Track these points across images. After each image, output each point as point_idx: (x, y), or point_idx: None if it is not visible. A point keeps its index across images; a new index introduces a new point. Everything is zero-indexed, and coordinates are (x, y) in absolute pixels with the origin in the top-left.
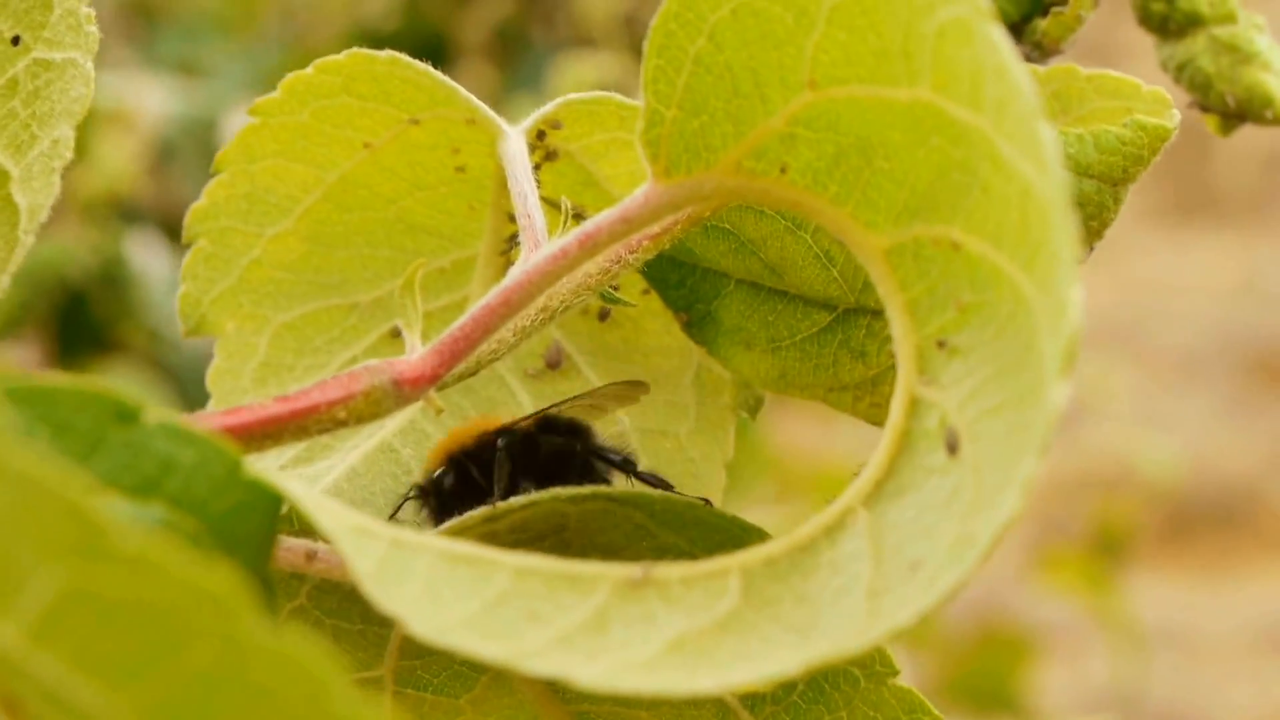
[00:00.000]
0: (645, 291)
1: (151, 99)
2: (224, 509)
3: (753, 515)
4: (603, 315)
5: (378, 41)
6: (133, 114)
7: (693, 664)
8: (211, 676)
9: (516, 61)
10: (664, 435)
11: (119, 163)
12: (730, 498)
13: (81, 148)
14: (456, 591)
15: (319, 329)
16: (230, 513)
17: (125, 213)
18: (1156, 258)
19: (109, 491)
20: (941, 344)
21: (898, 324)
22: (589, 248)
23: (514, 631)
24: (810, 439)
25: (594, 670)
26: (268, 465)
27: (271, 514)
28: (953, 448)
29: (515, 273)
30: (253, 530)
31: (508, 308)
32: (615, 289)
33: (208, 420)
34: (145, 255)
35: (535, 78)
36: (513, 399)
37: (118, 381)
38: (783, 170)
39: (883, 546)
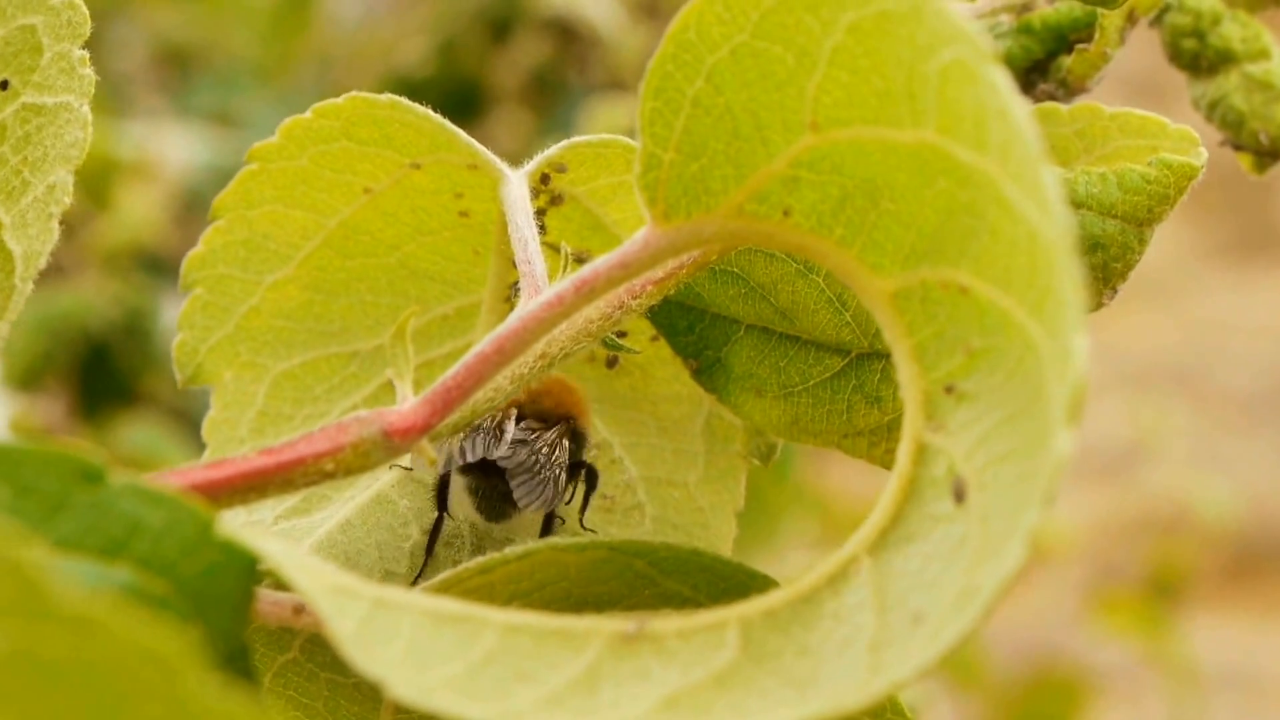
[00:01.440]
0: (654, 338)
1: (178, 148)
2: (196, 570)
3: (795, 558)
4: (610, 363)
5: (412, 87)
6: (156, 164)
7: None
8: None
9: (551, 105)
10: (673, 484)
11: (142, 213)
12: (773, 540)
13: (104, 198)
14: (441, 652)
15: (319, 378)
16: (203, 574)
17: (149, 263)
18: (1218, 297)
19: (74, 554)
20: (950, 389)
21: (905, 369)
22: (585, 293)
23: (501, 692)
24: (859, 482)
25: None
26: (262, 516)
27: (247, 574)
28: (960, 496)
29: (510, 320)
30: (227, 591)
31: (502, 355)
32: (622, 335)
33: (190, 474)
34: (169, 306)
35: (570, 121)
36: None
37: (139, 433)
38: (786, 213)
39: (886, 597)
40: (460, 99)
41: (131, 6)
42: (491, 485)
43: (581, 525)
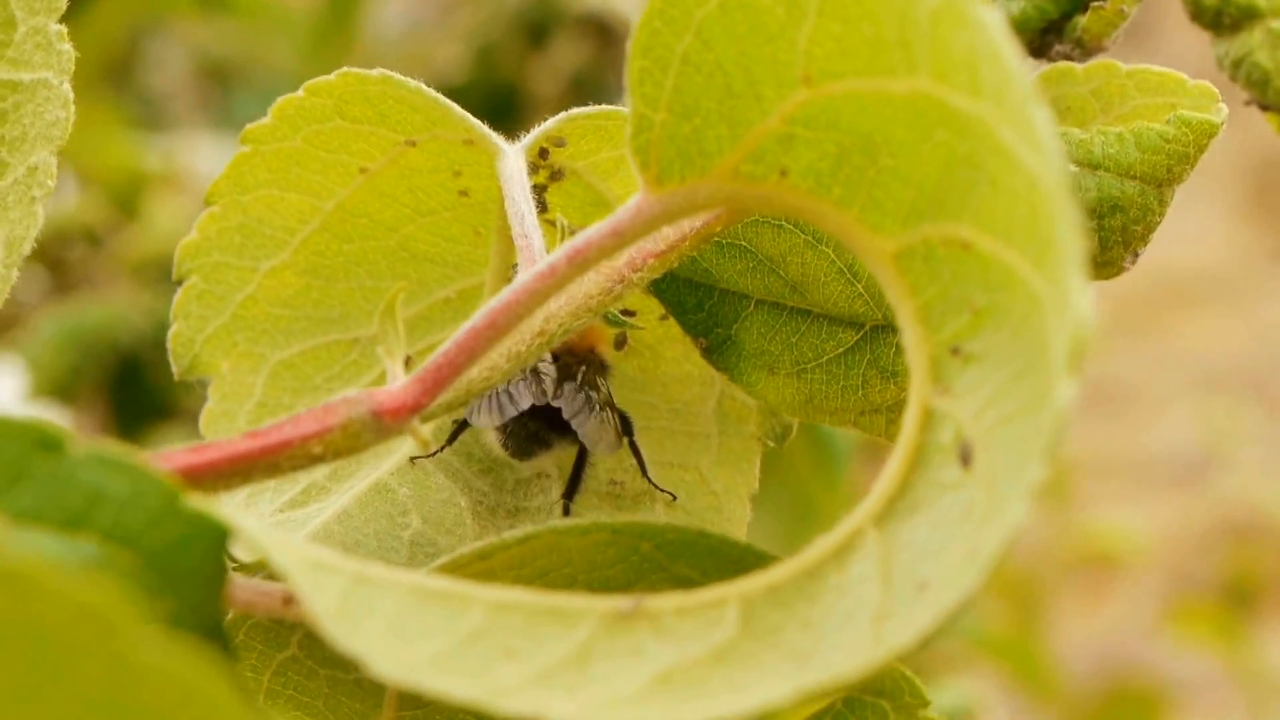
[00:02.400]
0: (663, 318)
1: (207, 159)
2: (164, 543)
3: None
4: (619, 344)
5: (451, 94)
6: (185, 175)
7: (679, 697)
8: (100, 701)
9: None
10: (685, 468)
11: (171, 224)
12: (813, 533)
13: (132, 209)
14: (425, 629)
15: (318, 366)
16: (172, 547)
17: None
18: None
19: (35, 526)
20: (955, 351)
21: (909, 332)
22: (579, 263)
23: (487, 669)
24: None
25: (570, 707)
26: (260, 511)
27: (217, 547)
28: (966, 459)
29: (502, 293)
30: (197, 565)
31: (494, 330)
32: (630, 315)
33: (172, 458)
34: None
35: None
36: None
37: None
38: (783, 174)
39: (892, 568)
40: (499, 104)
41: (170, 23)
42: (520, 423)
43: (649, 481)
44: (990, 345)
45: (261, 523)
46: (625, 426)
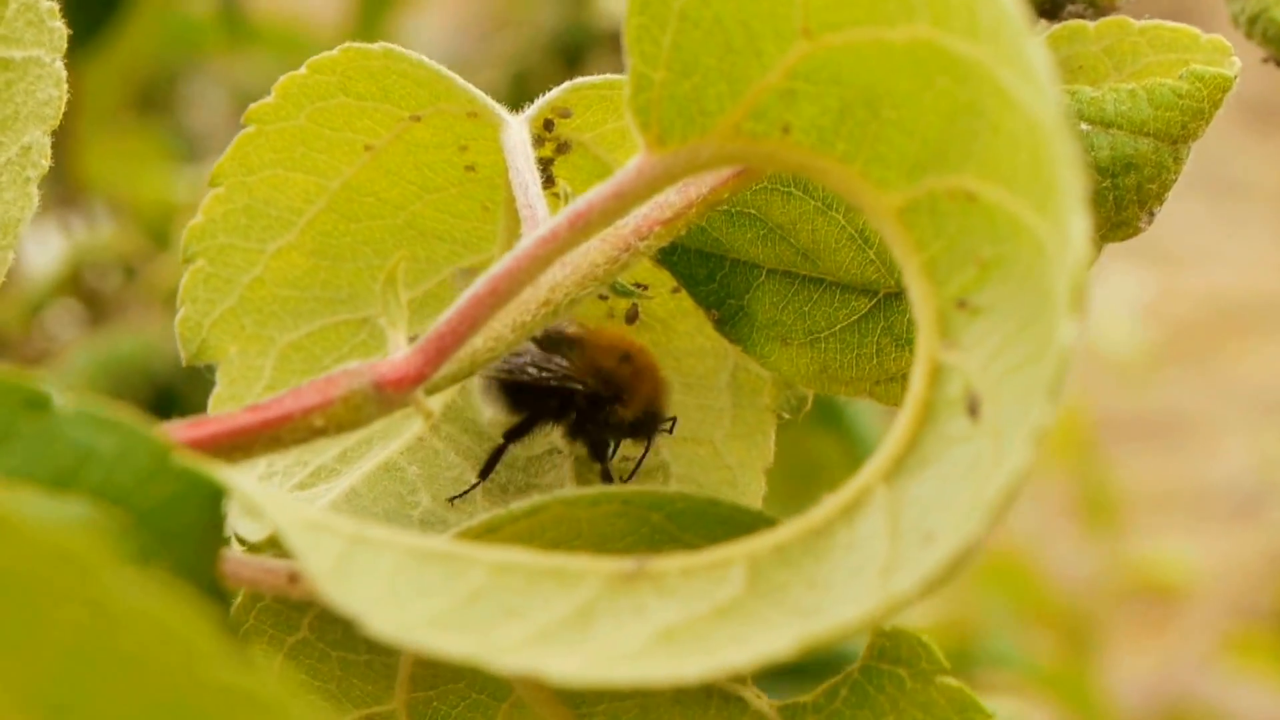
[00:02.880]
0: (675, 290)
1: None
2: (155, 501)
3: None
4: (630, 318)
5: None
6: None
7: (680, 652)
8: (80, 644)
9: None
10: (698, 442)
11: None
12: None
13: (164, 239)
14: (425, 589)
15: (327, 347)
16: (163, 505)
17: None
18: None
19: (23, 485)
20: (962, 304)
21: (916, 287)
22: (580, 227)
23: (487, 628)
24: None
25: (570, 663)
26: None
27: (211, 506)
28: (974, 410)
29: (504, 259)
30: (190, 524)
31: (496, 297)
32: (643, 288)
33: (170, 433)
34: None
35: None
36: None
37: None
38: (785, 130)
39: (900, 523)
40: None
41: (207, 61)
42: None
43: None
44: (997, 297)
45: (259, 483)
46: (598, 452)
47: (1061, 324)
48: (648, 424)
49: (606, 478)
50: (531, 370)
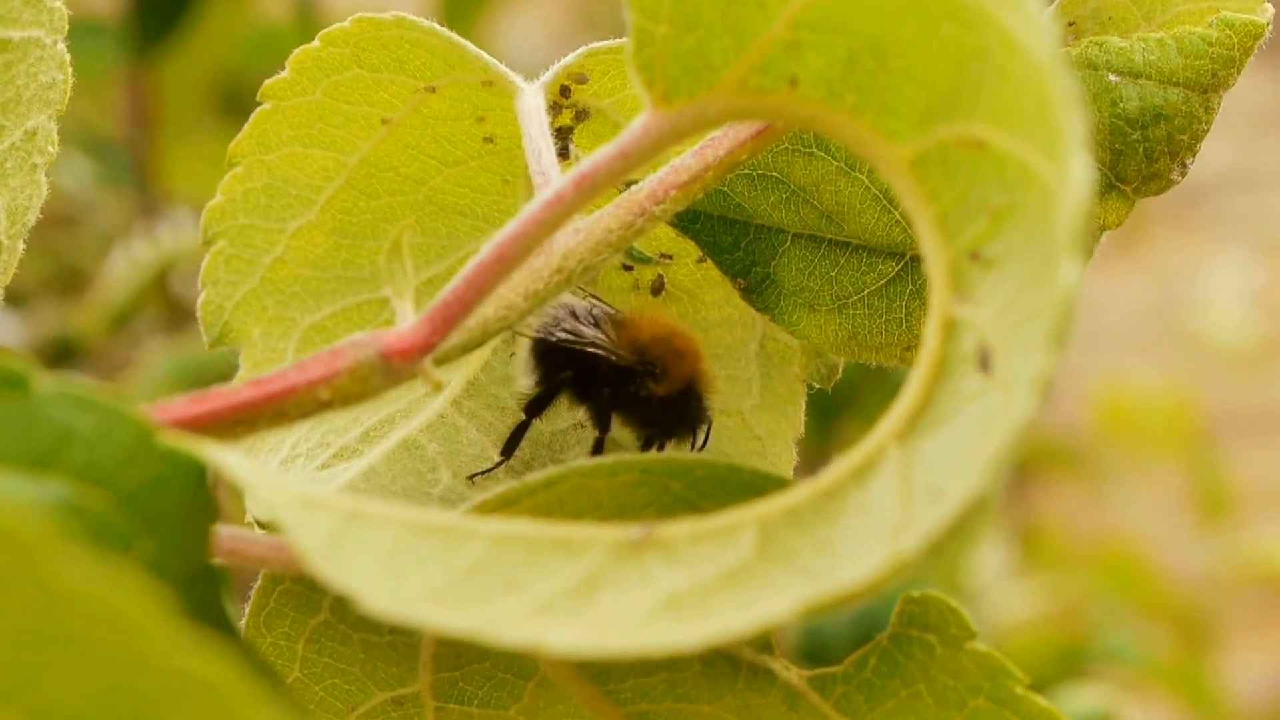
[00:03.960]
0: (700, 260)
1: None
2: (138, 481)
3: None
4: (656, 289)
5: None
6: None
7: (683, 619)
8: (27, 627)
9: None
10: (727, 413)
11: None
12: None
13: None
14: (422, 563)
15: (350, 327)
16: (147, 486)
17: None
18: None
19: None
20: (975, 256)
21: (928, 240)
22: (586, 189)
23: (487, 601)
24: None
25: (570, 634)
26: (294, 477)
27: (198, 486)
28: (985, 364)
29: (509, 225)
30: (176, 504)
31: (503, 264)
32: (668, 258)
33: (171, 409)
34: None
35: None
36: None
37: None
38: (793, 84)
39: (912, 482)
40: None
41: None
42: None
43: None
44: (1009, 247)
45: (249, 460)
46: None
47: (1061, 267)
48: (682, 404)
49: (598, 449)
50: (561, 332)
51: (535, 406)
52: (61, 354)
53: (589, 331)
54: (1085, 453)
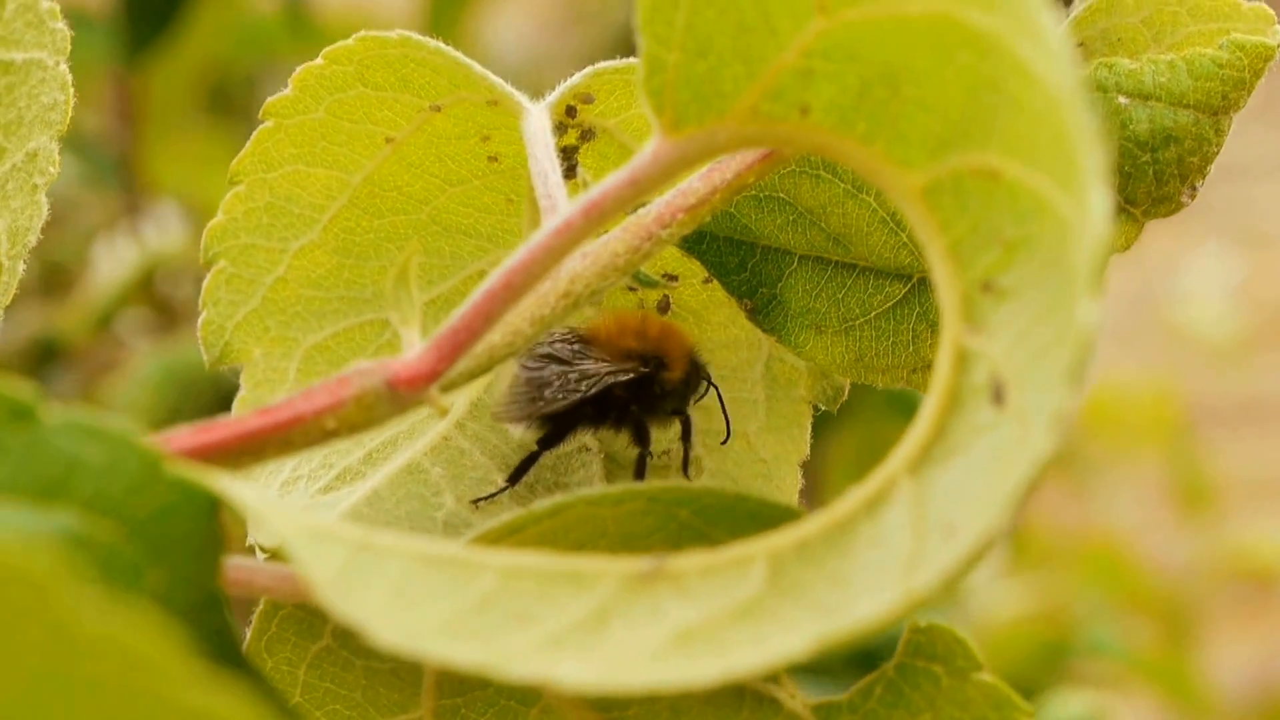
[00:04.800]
0: (706, 281)
1: None
2: (148, 511)
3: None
4: (662, 309)
5: None
6: None
7: (696, 654)
8: (43, 668)
9: None
10: (732, 435)
11: None
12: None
13: None
14: (432, 596)
15: (353, 348)
16: (156, 516)
17: None
18: None
19: (9, 498)
20: (987, 287)
21: (940, 270)
22: (595, 216)
23: (497, 635)
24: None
25: (581, 669)
26: (296, 499)
27: (207, 516)
28: (999, 398)
29: (517, 252)
30: (185, 534)
31: (511, 291)
32: (673, 279)
33: (178, 439)
34: None
35: None
36: None
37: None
38: (804, 111)
39: (925, 515)
40: None
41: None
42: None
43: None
44: (1022, 278)
45: (259, 491)
46: (643, 439)
47: (1081, 304)
48: (696, 376)
49: (642, 468)
50: (561, 395)
51: (549, 442)
52: (45, 355)
53: (582, 375)
54: (1068, 447)
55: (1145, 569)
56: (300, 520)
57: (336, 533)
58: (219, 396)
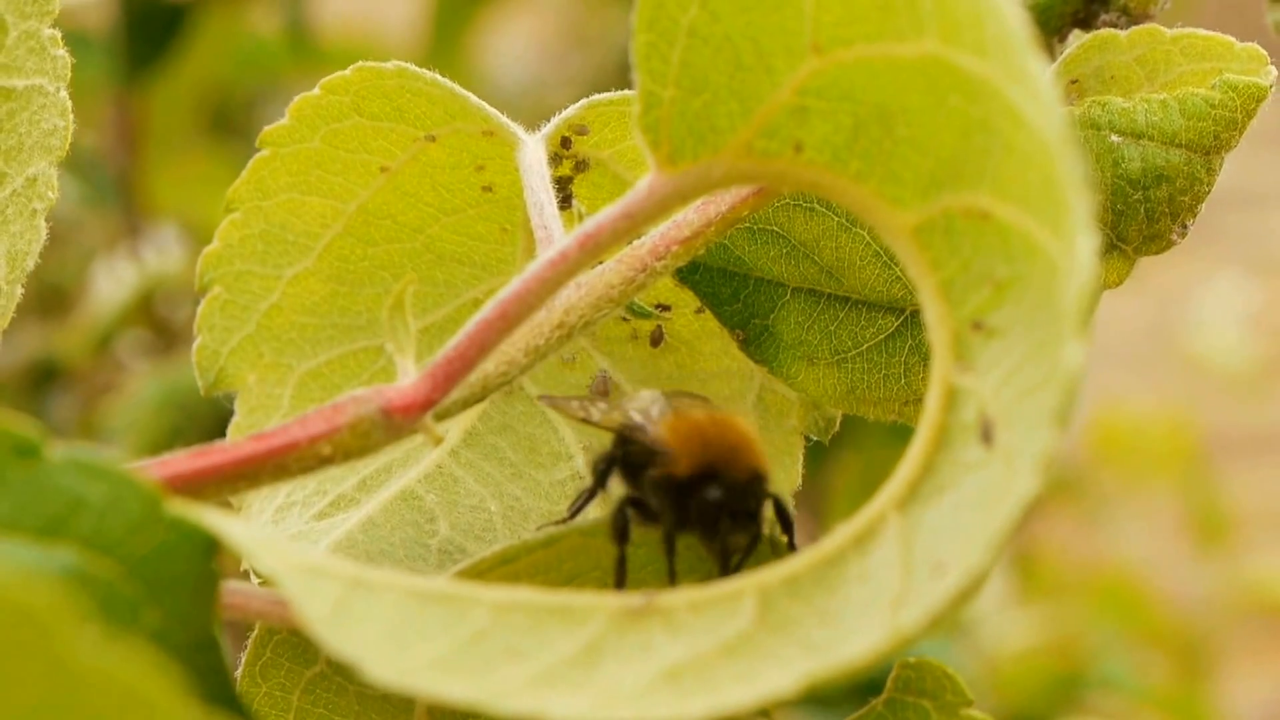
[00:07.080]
0: (699, 311)
1: None
2: (146, 550)
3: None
4: (655, 340)
5: None
6: None
7: (685, 691)
8: (41, 704)
9: None
10: None
11: None
12: None
13: None
14: (425, 632)
15: (346, 375)
16: (154, 554)
17: None
18: None
19: (10, 535)
20: (978, 326)
21: (931, 309)
22: (590, 249)
23: (490, 670)
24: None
25: (572, 705)
26: (290, 525)
27: (204, 555)
28: (987, 437)
29: (513, 283)
30: (182, 573)
31: (505, 320)
32: (665, 309)
33: (172, 464)
34: None
35: None
36: (554, 435)
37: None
38: (798, 149)
39: (913, 552)
40: None
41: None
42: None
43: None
44: (1012, 318)
45: (252, 528)
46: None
47: (1066, 346)
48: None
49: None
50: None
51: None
52: (44, 376)
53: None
54: (1081, 477)
55: (1159, 601)
56: (294, 557)
57: (330, 569)
58: (218, 418)
